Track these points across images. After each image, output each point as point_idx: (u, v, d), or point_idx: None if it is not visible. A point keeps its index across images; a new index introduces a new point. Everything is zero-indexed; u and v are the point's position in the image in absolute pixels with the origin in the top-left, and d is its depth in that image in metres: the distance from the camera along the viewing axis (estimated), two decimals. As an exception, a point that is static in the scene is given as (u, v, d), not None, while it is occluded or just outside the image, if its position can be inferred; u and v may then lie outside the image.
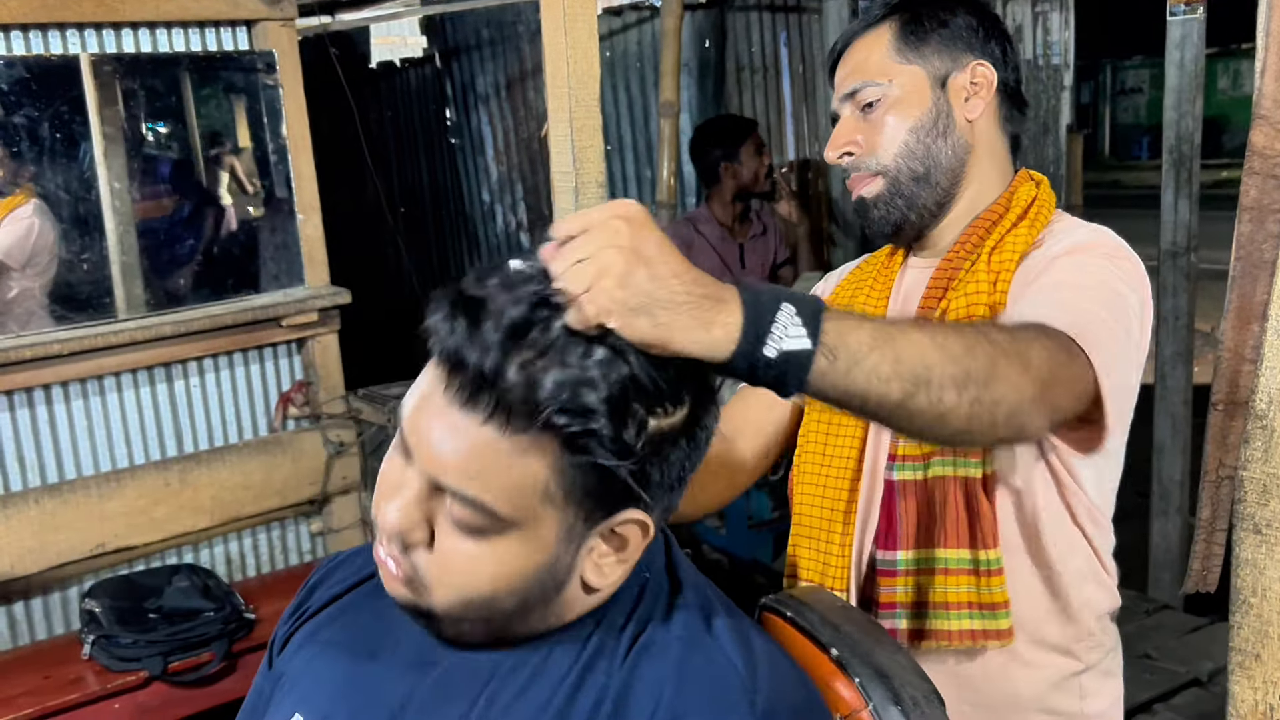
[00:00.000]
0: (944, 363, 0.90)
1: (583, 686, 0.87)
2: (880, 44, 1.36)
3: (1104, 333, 1.12)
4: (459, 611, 0.87)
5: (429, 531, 0.84)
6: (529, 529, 0.82)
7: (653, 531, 0.88)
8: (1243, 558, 0.88)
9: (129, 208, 3.01)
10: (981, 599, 1.25)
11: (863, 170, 1.37)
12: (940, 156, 1.34)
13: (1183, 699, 2.86)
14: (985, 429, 0.94)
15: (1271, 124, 0.84)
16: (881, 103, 1.35)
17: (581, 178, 1.76)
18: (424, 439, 0.81)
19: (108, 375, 2.97)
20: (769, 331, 0.82)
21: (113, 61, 2.92)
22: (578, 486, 0.81)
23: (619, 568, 0.88)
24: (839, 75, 1.41)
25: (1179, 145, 3.16)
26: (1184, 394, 3.30)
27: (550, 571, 0.86)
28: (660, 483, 0.85)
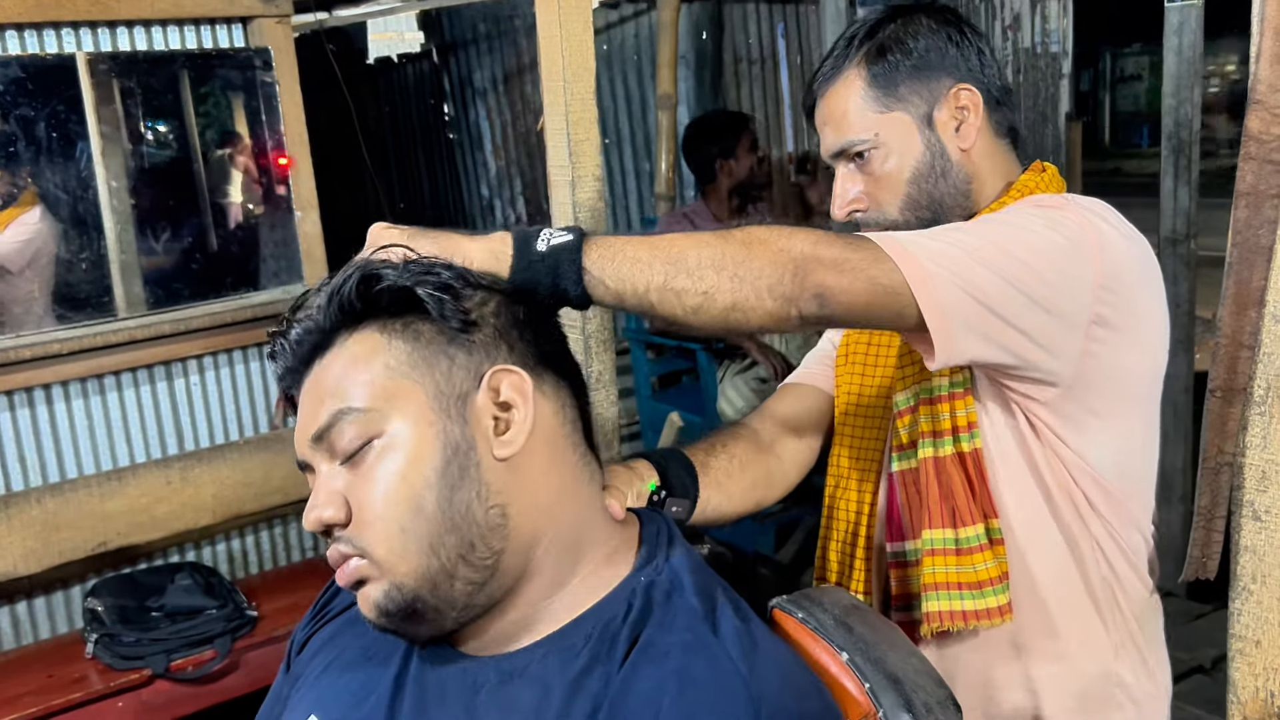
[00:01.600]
0: (698, 247, 1.00)
1: (579, 692, 0.85)
2: (853, 94, 1.32)
3: (930, 244, 1.10)
4: (411, 557, 0.86)
5: (345, 505, 0.88)
6: (398, 410, 0.88)
7: (537, 394, 0.92)
8: (1242, 544, 0.88)
9: (127, 206, 3.01)
10: (963, 578, 1.25)
11: (873, 224, 1.33)
12: (944, 198, 1.32)
13: (1186, 686, 2.86)
14: (752, 302, 1.00)
15: (1267, 109, 0.84)
16: (874, 158, 1.32)
17: (578, 171, 1.76)
18: (302, 425, 0.92)
19: (108, 374, 2.97)
20: (537, 236, 0.98)
21: (109, 60, 2.91)
22: (412, 351, 0.89)
23: (520, 427, 0.90)
24: (821, 129, 1.37)
25: (1177, 132, 3.16)
26: (1185, 381, 3.29)
27: (447, 445, 0.88)
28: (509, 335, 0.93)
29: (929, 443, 1.27)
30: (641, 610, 0.90)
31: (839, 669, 0.97)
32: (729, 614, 0.90)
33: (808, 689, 0.88)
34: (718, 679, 0.83)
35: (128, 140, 3.01)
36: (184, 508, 2.99)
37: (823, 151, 1.38)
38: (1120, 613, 1.31)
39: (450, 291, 0.90)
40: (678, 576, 0.93)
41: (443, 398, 0.88)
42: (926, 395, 1.28)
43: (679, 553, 0.96)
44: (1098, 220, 1.22)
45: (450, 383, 0.89)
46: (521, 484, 0.89)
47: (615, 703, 0.83)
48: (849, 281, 1.03)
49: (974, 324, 1.09)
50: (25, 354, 2.78)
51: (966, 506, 1.24)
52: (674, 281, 0.98)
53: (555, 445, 0.93)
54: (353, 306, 0.90)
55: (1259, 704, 0.89)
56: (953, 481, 1.25)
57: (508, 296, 0.95)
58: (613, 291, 0.97)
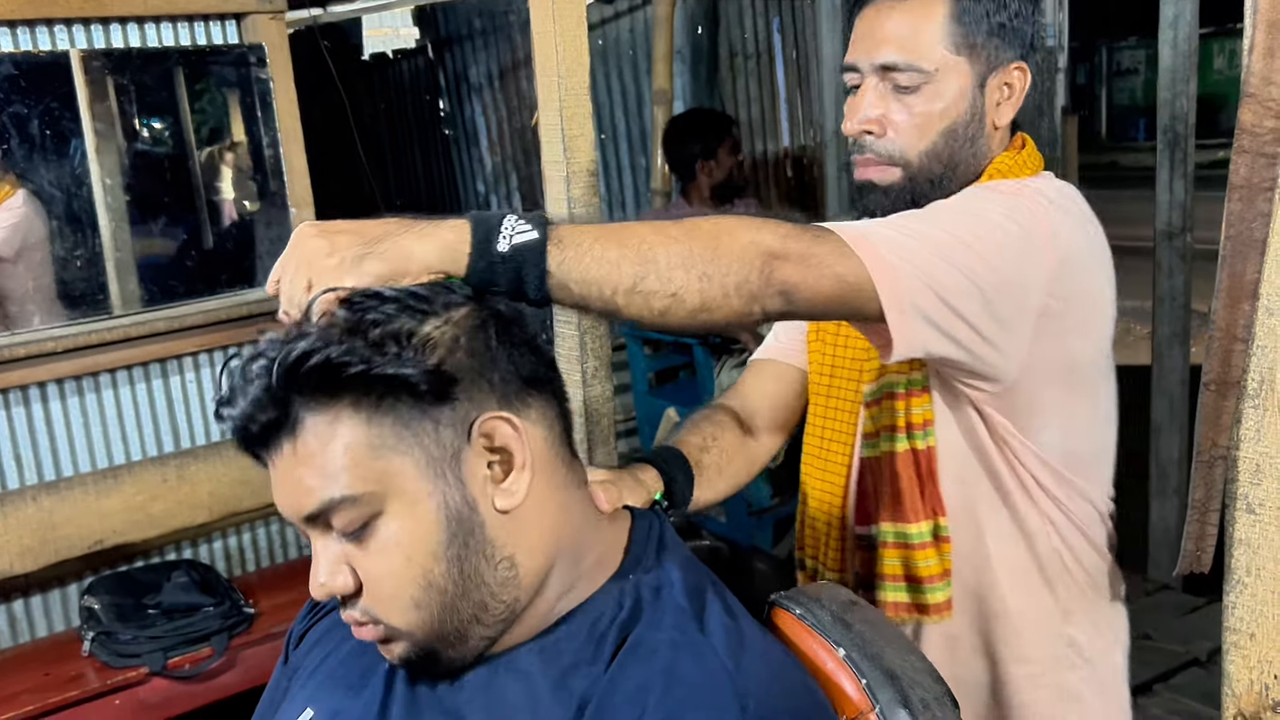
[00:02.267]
0: (666, 243, 0.94)
1: (566, 690, 0.85)
2: (934, 19, 1.24)
3: (894, 236, 1.09)
4: (427, 622, 0.86)
5: (353, 576, 0.86)
6: (392, 491, 0.83)
7: (529, 426, 0.87)
8: (1236, 537, 0.88)
9: (122, 204, 3.00)
10: (910, 572, 1.28)
11: (880, 155, 1.28)
12: (961, 163, 1.29)
13: (1182, 679, 2.87)
14: (719, 302, 0.96)
15: (1260, 102, 0.84)
16: (921, 92, 1.25)
17: (572, 166, 1.76)
18: (283, 500, 0.86)
19: (103, 372, 2.97)
20: (498, 231, 0.88)
21: (102, 57, 2.90)
22: (393, 422, 0.83)
23: (520, 475, 0.87)
24: (871, 32, 1.27)
25: (1173, 125, 3.16)
26: (1180, 374, 3.30)
27: (449, 514, 0.84)
28: (489, 375, 0.86)
29: (888, 437, 1.29)
30: (630, 610, 0.89)
31: (836, 665, 0.97)
32: (718, 612, 0.90)
33: (797, 686, 0.88)
34: (705, 677, 0.83)
35: (122, 137, 3.01)
36: (180, 505, 2.99)
37: (858, 55, 1.28)
38: (1071, 579, 1.35)
39: (416, 360, 0.82)
40: (667, 575, 0.93)
41: (435, 463, 0.84)
42: (891, 389, 1.29)
43: (670, 551, 0.96)
44: (1052, 207, 1.21)
45: (439, 445, 0.84)
46: (524, 526, 0.88)
47: (602, 700, 0.83)
48: (814, 277, 1.02)
49: (932, 318, 1.09)
50: (20, 352, 2.78)
51: (914, 505, 1.27)
52: (643, 284, 0.93)
53: (549, 470, 0.90)
54: (312, 392, 0.82)
55: (1253, 696, 0.89)
56: (901, 479, 1.27)
57: (473, 319, 0.87)
58: (576, 296, 0.92)
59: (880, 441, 1.30)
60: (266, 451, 0.85)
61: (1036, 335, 1.18)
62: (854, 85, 1.30)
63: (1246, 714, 0.90)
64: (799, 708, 0.86)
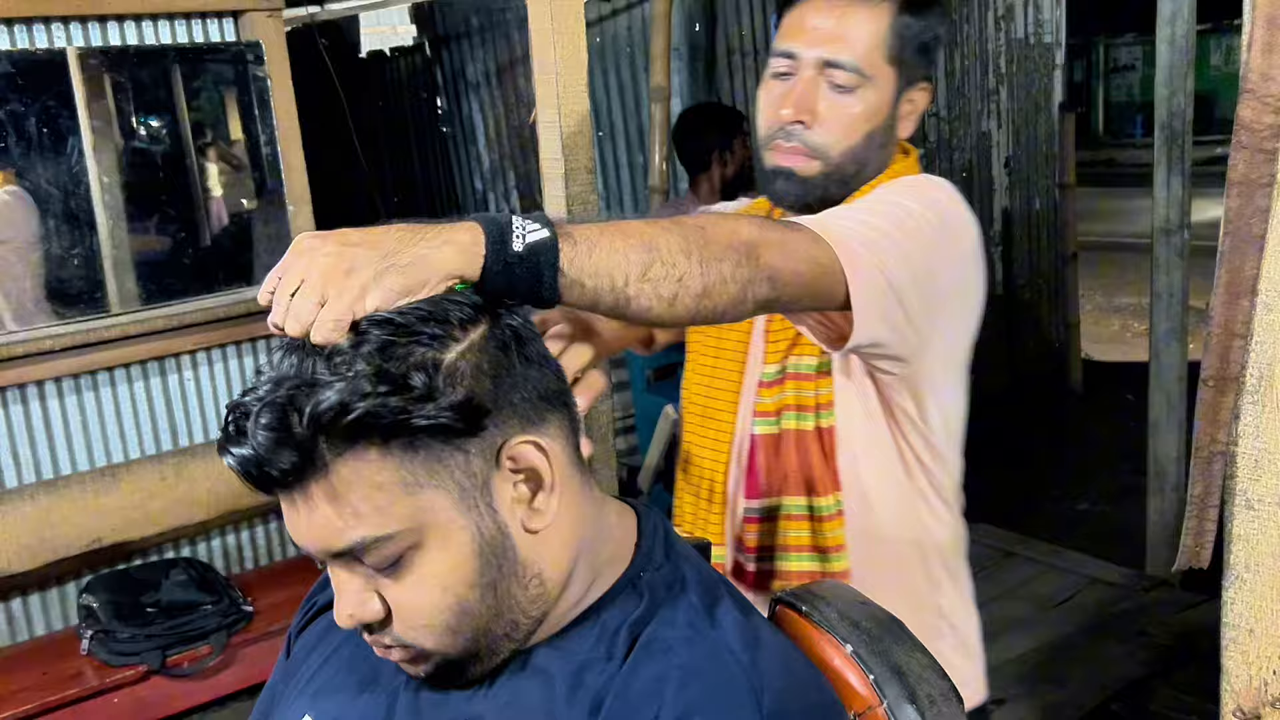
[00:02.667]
0: (663, 233, 0.96)
1: (582, 687, 0.85)
2: (877, 26, 1.30)
3: (853, 226, 1.15)
4: (460, 644, 0.86)
5: (381, 602, 0.84)
6: (427, 525, 0.81)
7: (551, 444, 0.85)
8: (1235, 533, 0.88)
9: (119, 202, 3.00)
10: (816, 542, 1.34)
11: (806, 145, 1.32)
12: (869, 166, 1.35)
13: (1181, 675, 2.87)
14: (719, 288, 0.98)
15: (1258, 98, 0.84)
16: (855, 94, 1.30)
17: (571, 164, 1.76)
18: (307, 536, 0.82)
19: (101, 370, 2.97)
20: (510, 231, 0.85)
21: (99, 55, 2.90)
22: (425, 458, 0.80)
23: (550, 497, 0.85)
24: (818, 25, 1.31)
25: (1171, 122, 3.16)
26: (1178, 370, 3.30)
27: (484, 543, 0.83)
28: (510, 397, 0.83)
29: (793, 415, 1.35)
30: (644, 607, 0.89)
31: (843, 661, 0.97)
32: (730, 608, 0.90)
33: (809, 682, 0.88)
34: (720, 672, 0.83)
35: (119, 135, 3.00)
36: (178, 503, 2.99)
37: (801, 44, 1.31)
38: (938, 549, 1.41)
39: (446, 398, 0.79)
40: (678, 572, 0.93)
41: (466, 494, 0.82)
42: (795, 370, 1.35)
43: (678, 548, 0.96)
44: (951, 200, 1.29)
45: (470, 475, 0.82)
46: (550, 541, 0.87)
47: (619, 695, 0.83)
48: (794, 263, 1.05)
49: (883, 306, 1.15)
50: (18, 350, 2.77)
51: (822, 478, 1.33)
52: (651, 270, 0.93)
53: (569, 480, 0.89)
54: (342, 441, 0.78)
55: (1252, 692, 0.89)
56: (811, 454, 1.34)
57: (492, 339, 0.84)
58: (590, 291, 0.91)
59: (781, 419, 1.35)
60: (284, 491, 0.81)
61: (943, 317, 1.25)
62: (784, 71, 1.33)
63: (1245, 709, 0.90)
64: (812, 703, 0.86)
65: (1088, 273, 7.60)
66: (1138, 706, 2.77)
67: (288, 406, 0.77)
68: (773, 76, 1.34)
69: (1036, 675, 2.93)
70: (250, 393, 0.80)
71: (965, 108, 4.81)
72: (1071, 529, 3.92)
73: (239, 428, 0.79)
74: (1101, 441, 4.62)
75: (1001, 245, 5.08)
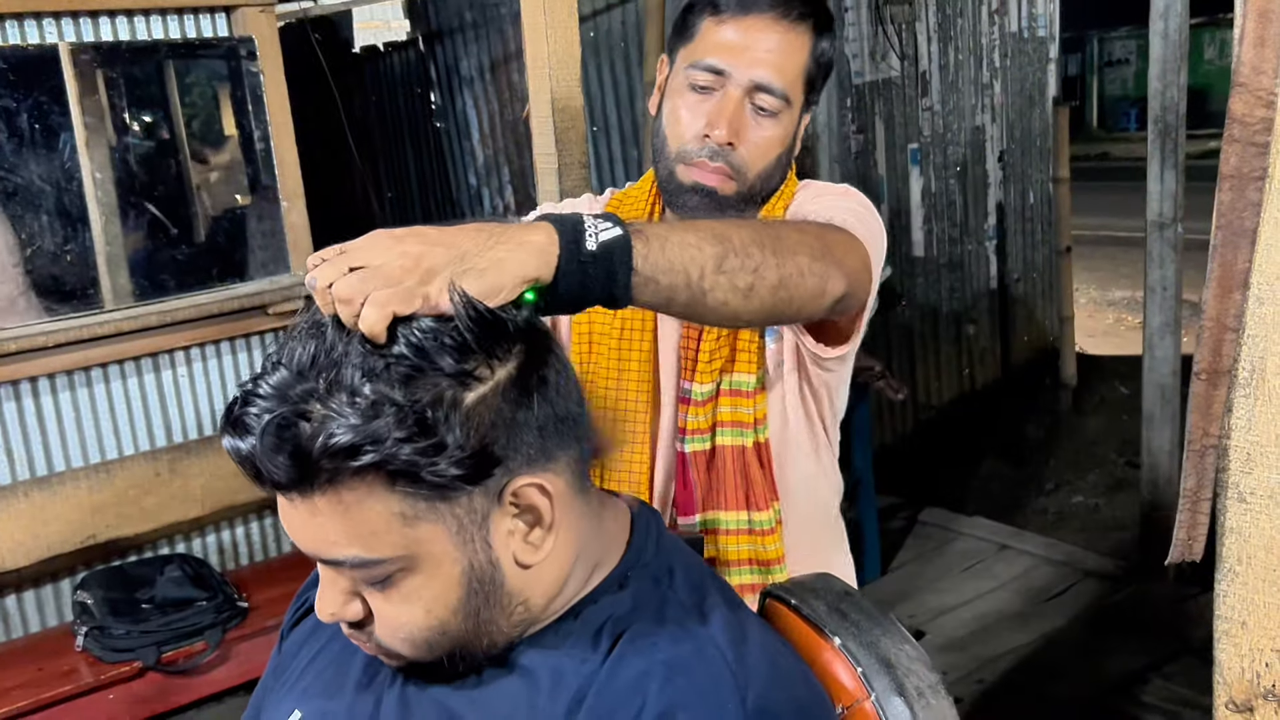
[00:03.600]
0: (733, 228, 0.96)
1: (563, 683, 0.85)
2: (802, 53, 1.31)
3: (858, 224, 1.22)
4: (435, 656, 0.86)
5: (363, 604, 0.85)
6: (420, 554, 0.81)
7: (556, 480, 0.84)
8: (1228, 526, 0.88)
9: (112, 198, 2.99)
10: (757, 555, 1.37)
11: (728, 166, 1.31)
12: (771, 185, 1.37)
13: (1174, 667, 2.88)
14: (795, 279, 0.99)
15: (1251, 91, 0.84)
16: (776, 118, 1.31)
17: (564, 159, 1.76)
18: (300, 536, 0.82)
19: (95, 366, 2.96)
20: (583, 231, 0.84)
21: (91, 50, 2.89)
22: (427, 497, 0.79)
23: (548, 536, 0.85)
24: (750, 46, 1.29)
25: (1164, 115, 3.16)
26: (1172, 364, 3.30)
27: (473, 575, 0.83)
28: (524, 439, 0.81)
29: (730, 431, 1.36)
30: (629, 601, 0.89)
31: (831, 655, 0.97)
32: (718, 603, 0.90)
33: (795, 677, 0.88)
34: (705, 668, 0.83)
35: (112, 131, 3.00)
36: (173, 499, 2.98)
37: (732, 63, 1.30)
38: (836, 515, 1.50)
39: (457, 448, 0.77)
40: (665, 568, 0.93)
41: (464, 530, 0.81)
42: (733, 388, 1.36)
43: (668, 544, 0.96)
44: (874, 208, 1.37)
45: (470, 511, 0.81)
46: (542, 573, 0.87)
47: (601, 689, 0.83)
48: (853, 259, 1.09)
49: (869, 303, 1.24)
50: (11, 347, 2.77)
51: (762, 492, 1.35)
52: (726, 262, 0.92)
53: (569, 509, 0.88)
54: (349, 472, 0.76)
55: (1245, 685, 0.89)
56: (750, 469, 1.35)
57: (519, 373, 0.81)
58: (664, 288, 0.89)
59: (716, 435, 1.36)
60: (280, 491, 0.80)
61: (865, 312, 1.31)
62: (707, 85, 1.31)
63: (1238, 701, 0.90)
64: (797, 698, 0.86)
65: (1082, 266, 7.61)
66: (1131, 698, 2.77)
67: (296, 425, 0.75)
68: (692, 88, 1.32)
69: (1030, 667, 2.94)
70: (262, 379, 0.78)
71: (959, 102, 4.81)
72: (1066, 522, 3.94)
73: (244, 421, 0.77)
74: (1095, 435, 4.63)
75: (995, 239, 5.08)
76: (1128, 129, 20.56)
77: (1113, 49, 22.48)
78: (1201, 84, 16.52)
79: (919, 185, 4.67)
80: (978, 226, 4.97)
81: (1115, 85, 22.45)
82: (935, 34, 4.65)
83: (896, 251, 4.61)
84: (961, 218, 4.88)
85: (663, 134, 1.36)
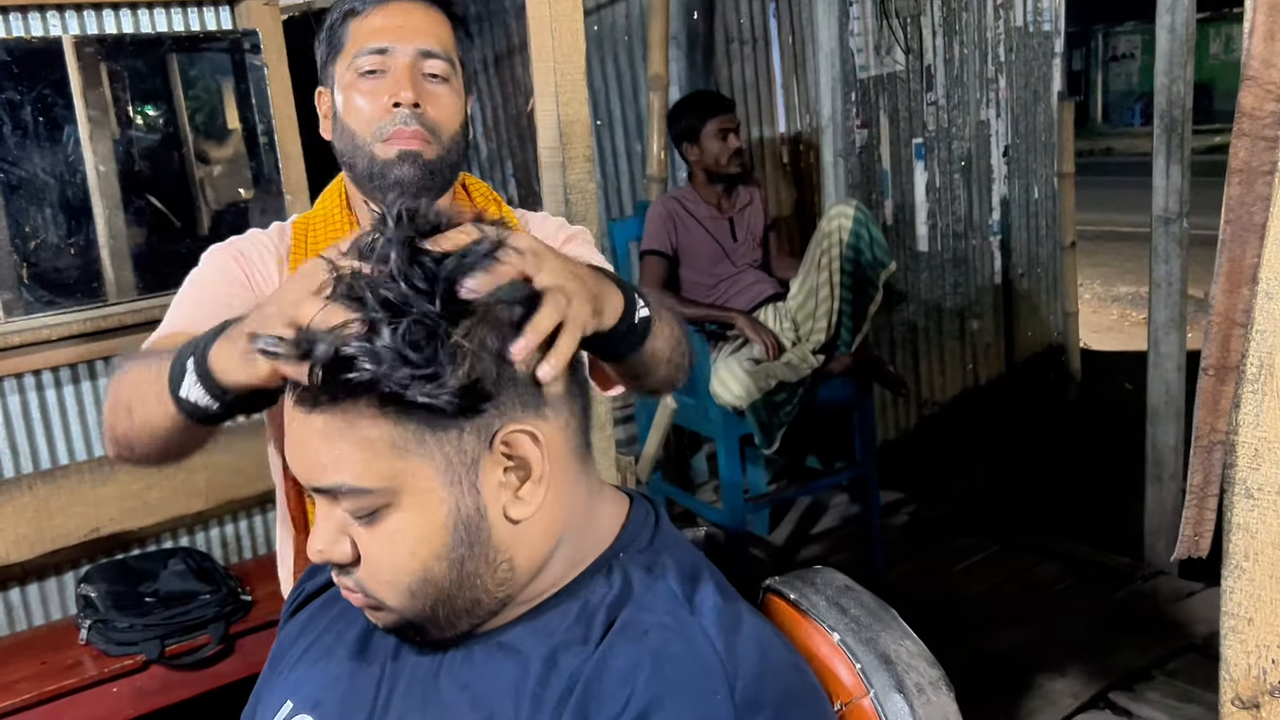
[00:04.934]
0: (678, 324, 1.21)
1: (556, 668, 0.85)
2: (446, 30, 1.42)
3: None
4: (419, 607, 0.87)
5: (352, 547, 0.86)
6: (408, 489, 0.83)
7: (546, 436, 0.86)
8: (1235, 522, 0.88)
9: (116, 191, 2.99)
10: None
11: (422, 128, 1.37)
12: (457, 157, 1.43)
13: (1178, 664, 2.87)
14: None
15: (1260, 85, 0.83)
16: (449, 84, 1.40)
17: (569, 153, 1.76)
18: (299, 463, 0.85)
19: (98, 360, 2.96)
20: (635, 302, 1.04)
21: (95, 43, 2.89)
22: (417, 427, 0.81)
23: (537, 489, 0.86)
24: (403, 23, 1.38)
25: (1170, 110, 3.15)
26: (1177, 360, 3.30)
27: (460, 520, 0.84)
28: (515, 378, 0.84)
29: None
30: (620, 589, 0.90)
31: (830, 650, 0.97)
32: (710, 593, 0.90)
33: (787, 668, 0.88)
34: (694, 658, 0.83)
35: (116, 124, 2.99)
36: (177, 493, 2.98)
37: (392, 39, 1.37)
38: None
39: (447, 378, 0.79)
40: (659, 557, 0.93)
41: (453, 469, 0.83)
42: None
43: (664, 534, 0.96)
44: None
45: (460, 452, 0.83)
46: (530, 532, 0.88)
47: (591, 680, 0.83)
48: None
49: None
50: (14, 340, 2.77)
51: None
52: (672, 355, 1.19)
53: (564, 470, 0.89)
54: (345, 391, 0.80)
55: (1251, 681, 0.89)
56: None
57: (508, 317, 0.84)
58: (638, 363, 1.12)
59: None
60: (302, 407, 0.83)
61: None
62: (373, 69, 1.38)
63: (1244, 698, 0.90)
64: (788, 689, 0.86)
65: (1086, 262, 7.60)
66: (1135, 695, 2.77)
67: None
68: (362, 75, 1.38)
69: (1034, 664, 2.94)
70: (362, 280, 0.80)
71: (964, 96, 4.80)
72: (1069, 518, 3.93)
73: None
74: (1099, 430, 4.62)
75: (1000, 234, 5.07)
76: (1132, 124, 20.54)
77: (1117, 44, 22.45)
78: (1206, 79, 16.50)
79: (923, 180, 4.66)
80: (982, 221, 4.96)
81: (1120, 80, 22.42)
82: (940, 28, 4.64)
83: (900, 246, 4.61)
84: (966, 212, 4.87)
85: (349, 131, 1.40)
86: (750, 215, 3.70)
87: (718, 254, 3.59)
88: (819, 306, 3.34)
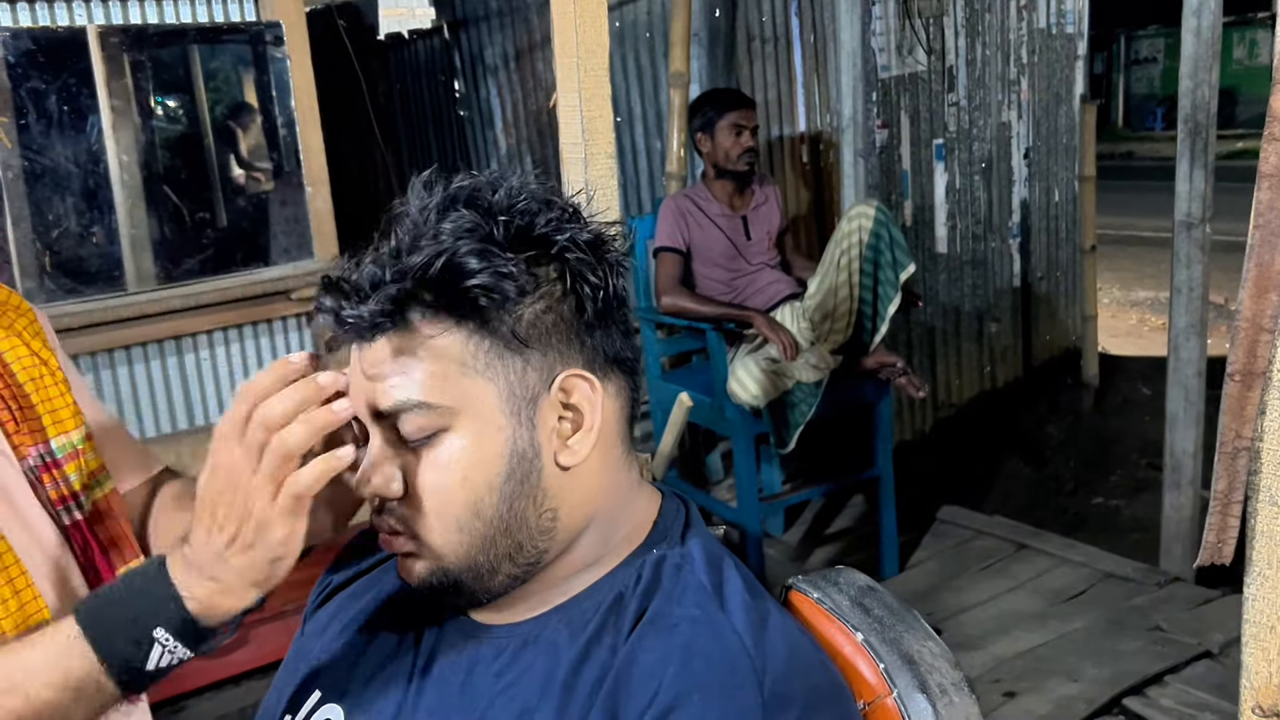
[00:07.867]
0: None
1: (588, 660, 0.86)
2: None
3: None
4: (461, 549, 0.87)
5: (403, 481, 0.87)
6: (470, 410, 0.84)
7: (606, 394, 0.89)
8: (1259, 530, 0.87)
9: (138, 180, 3.01)
10: None
11: None
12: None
13: (1194, 671, 2.85)
14: None
15: (1292, 89, 0.82)
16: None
17: (590, 149, 1.75)
18: (363, 393, 0.87)
19: (118, 349, 2.98)
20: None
21: (119, 33, 2.90)
22: (489, 349, 0.84)
23: (586, 437, 0.88)
24: None
25: (1194, 114, 3.13)
26: (1197, 365, 3.28)
27: (515, 452, 0.86)
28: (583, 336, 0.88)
29: (105, 478, 1.25)
30: (650, 582, 0.90)
31: (854, 649, 0.97)
32: (738, 589, 0.90)
33: (814, 665, 0.88)
34: (723, 653, 0.83)
35: (138, 114, 3.01)
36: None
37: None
38: None
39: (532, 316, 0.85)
40: (689, 552, 0.93)
41: (514, 399, 0.85)
42: (88, 430, 1.25)
43: (694, 530, 0.97)
44: None
45: (523, 384, 0.86)
46: (575, 486, 0.89)
47: (621, 672, 0.84)
48: None
49: None
50: (36, 327, 2.78)
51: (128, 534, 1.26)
52: None
53: (611, 444, 0.92)
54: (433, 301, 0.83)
55: (1272, 689, 0.88)
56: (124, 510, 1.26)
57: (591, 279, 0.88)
58: None
59: (95, 488, 1.24)
60: (364, 333, 0.85)
61: None
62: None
63: (1264, 707, 0.89)
64: (816, 686, 0.86)
65: (1105, 266, 7.56)
66: (1150, 702, 2.76)
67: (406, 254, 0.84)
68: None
69: (1048, 669, 2.92)
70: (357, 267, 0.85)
71: (985, 98, 4.78)
72: (1085, 523, 3.91)
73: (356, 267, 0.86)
74: (1117, 435, 4.60)
75: (1019, 237, 5.05)
76: (1153, 128, 20.43)
77: (1140, 47, 22.33)
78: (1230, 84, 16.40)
79: (943, 181, 4.64)
80: (1002, 224, 4.95)
81: (1141, 84, 22.30)
82: (963, 29, 4.62)
83: (919, 248, 4.59)
84: (985, 214, 4.86)
85: None
86: (765, 214, 3.69)
87: (731, 251, 3.58)
88: (838, 307, 3.33)
